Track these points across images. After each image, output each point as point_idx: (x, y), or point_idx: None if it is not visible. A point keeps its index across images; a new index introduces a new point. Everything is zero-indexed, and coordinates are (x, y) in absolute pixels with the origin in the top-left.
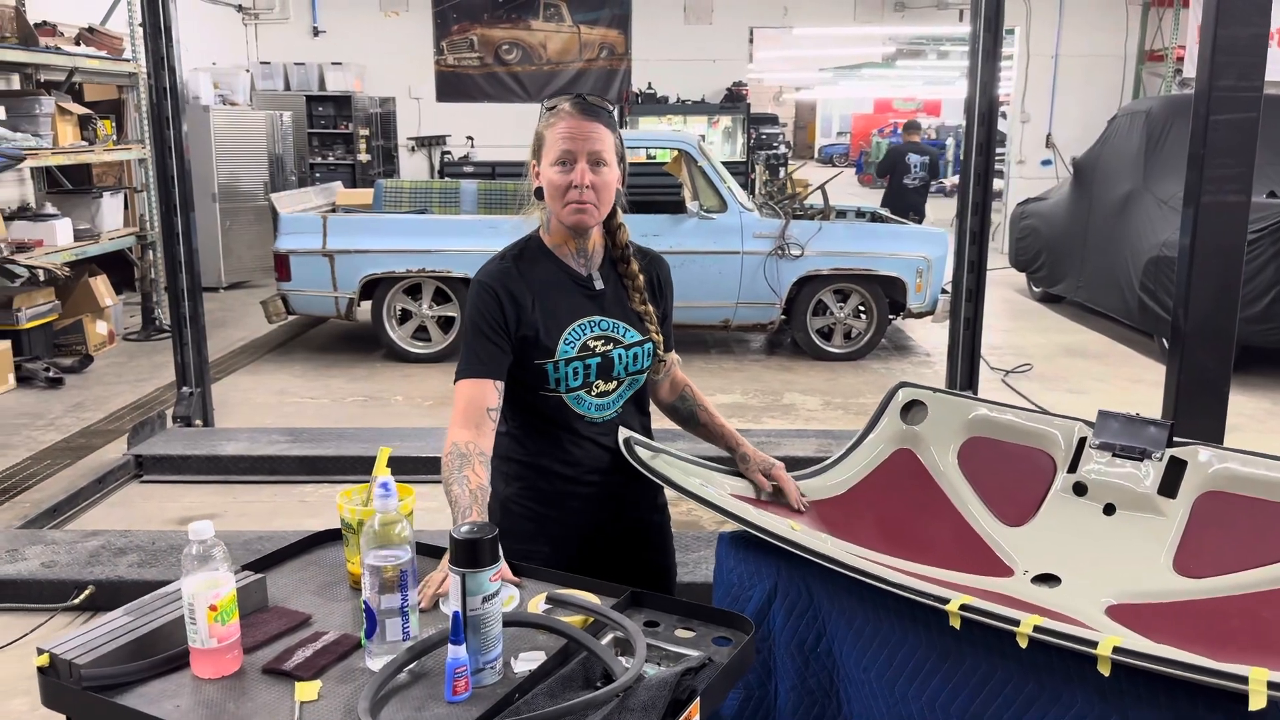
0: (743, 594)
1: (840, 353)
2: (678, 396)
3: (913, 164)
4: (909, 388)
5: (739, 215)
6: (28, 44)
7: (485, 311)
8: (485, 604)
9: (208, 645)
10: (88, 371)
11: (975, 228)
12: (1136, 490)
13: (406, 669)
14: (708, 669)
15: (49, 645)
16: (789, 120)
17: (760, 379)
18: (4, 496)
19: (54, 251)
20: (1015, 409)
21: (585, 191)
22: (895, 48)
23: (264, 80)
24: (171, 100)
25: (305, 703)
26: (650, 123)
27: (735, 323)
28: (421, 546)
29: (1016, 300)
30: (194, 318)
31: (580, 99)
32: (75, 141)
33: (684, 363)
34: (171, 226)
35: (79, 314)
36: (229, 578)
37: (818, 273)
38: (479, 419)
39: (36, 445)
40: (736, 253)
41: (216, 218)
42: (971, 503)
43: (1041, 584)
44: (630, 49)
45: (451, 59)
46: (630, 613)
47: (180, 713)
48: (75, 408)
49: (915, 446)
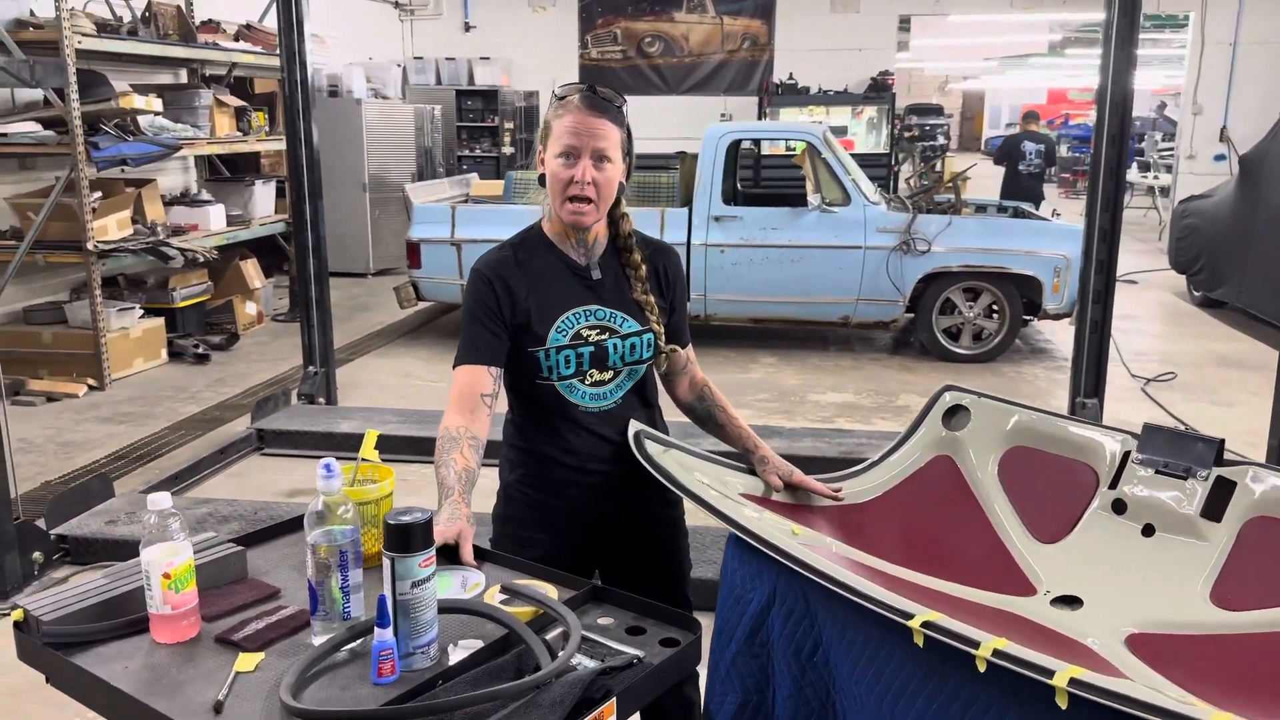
0: (744, 596)
1: (968, 354)
2: (696, 395)
3: (1028, 151)
4: (954, 391)
5: (863, 209)
6: (187, 40)
7: (480, 299)
8: (415, 589)
9: (162, 611)
10: (234, 349)
11: (1105, 225)
12: (1177, 511)
13: (347, 648)
14: (633, 669)
15: (26, 601)
16: (955, 111)
17: (877, 379)
18: (139, 462)
19: (207, 236)
20: (1065, 418)
21: (586, 188)
22: (1062, 35)
23: (417, 75)
24: (302, 93)
25: (241, 673)
26: (791, 114)
27: (855, 320)
28: None
29: (1174, 304)
30: (320, 301)
31: (591, 92)
32: (231, 132)
33: (800, 359)
34: (302, 214)
35: (230, 295)
36: (185, 547)
37: (946, 269)
38: (473, 404)
39: (175, 416)
40: (858, 247)
41: (366, 207)
42: (1006, 516)
43: (1062, 606)
44: (773, 39)
45: (595, 52)
46: (588, 608)
47: (126, 674)
48: (216, 383)
49: (955, 453)
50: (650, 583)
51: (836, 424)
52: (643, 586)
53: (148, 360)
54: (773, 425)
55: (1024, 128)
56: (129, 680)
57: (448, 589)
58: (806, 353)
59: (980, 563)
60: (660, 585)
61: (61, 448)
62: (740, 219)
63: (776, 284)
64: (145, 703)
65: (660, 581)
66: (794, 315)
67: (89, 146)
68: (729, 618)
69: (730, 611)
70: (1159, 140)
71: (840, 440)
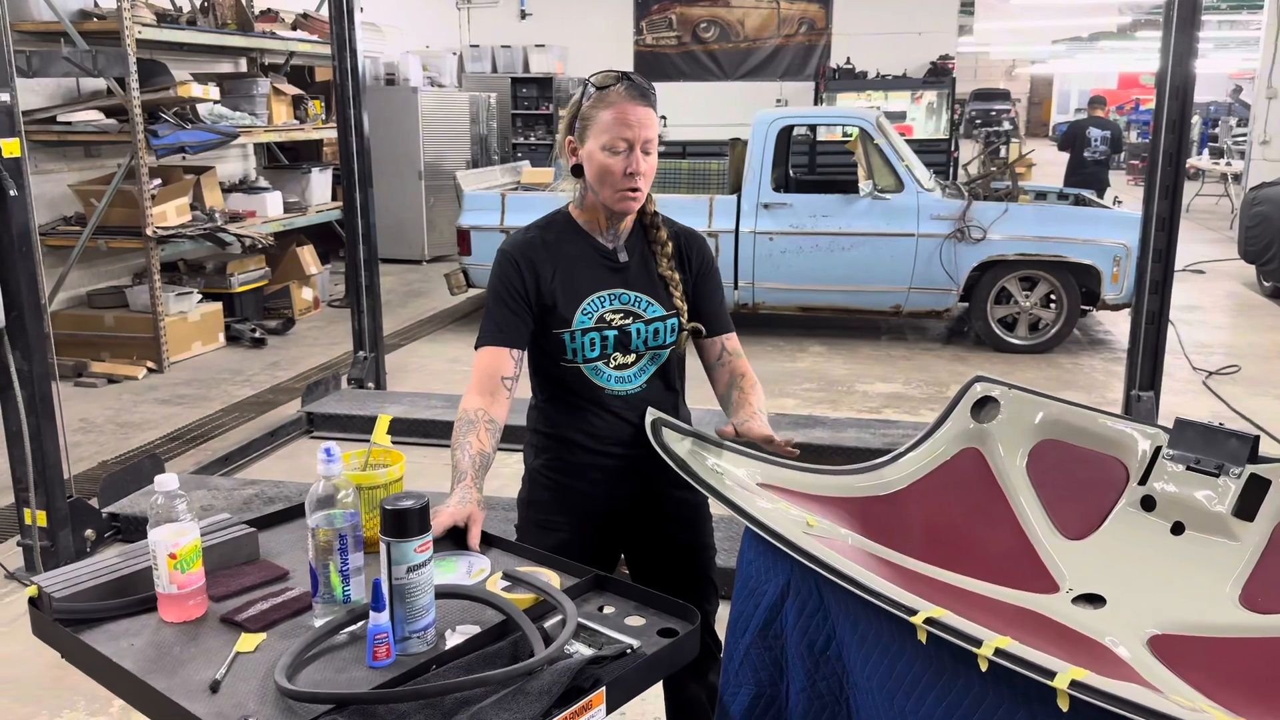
0: (759, 587)
1: (1024, 344)
2: (727, 388)
3: (1093, 138)
4: (984, 382)
5: (916, 195)
6: (245, 30)
7: (505, 280)
8: (410, 574)
9: (168, 591)
10: (290, 334)
11: (1164, 213)
12: (1208, 510)
13: (347, 631)
14: (625, 659)
15: (41, 578)
16: (1022, 96)
17: (929, 369)
18: (193, 443)
19: (265, 222)
20: (1097, 411)
21: (639, 179)
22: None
23: (473, 63)
24: (353, 80)
25: (242, 653)
26: (848, 99)
27: (907, 309)
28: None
29: (1243, 295)
30: (370, 287)
31: (632, 81)
32: (288, 120)
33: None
34: (352, 201)
35: (287, 280)
36: (192, 529)
37: (1001, 258)
38: (493, 387)
39: (230, 399)
40: (911, 235)
41: (421, 194)
42: (1033, 511)
43: (1084, 604)
44: (831, 23)
45: (650, 39)
46: (589, 596)
47: (131, 651)
48: (271, 366)
49: (983, 446)
50: (675, 566)
51: (883, 414)
52: (668, 570)
53: (205, 344)
54: (816, 415)
55: (1090, 113)
56: (133, 657)
57: (453, 573)
58: (857, 342)
59: (1003, 558)
60: (685, 568)
61: (120, 428)
62: (790, 206)
63: (826, 272)
64: (145, 680)
65: (685, 565)
66: (844, 304)
67: (148, 134)
68: (744, 609)
69: (745, 603)
70: (1234, 125)
71: (885, 431)
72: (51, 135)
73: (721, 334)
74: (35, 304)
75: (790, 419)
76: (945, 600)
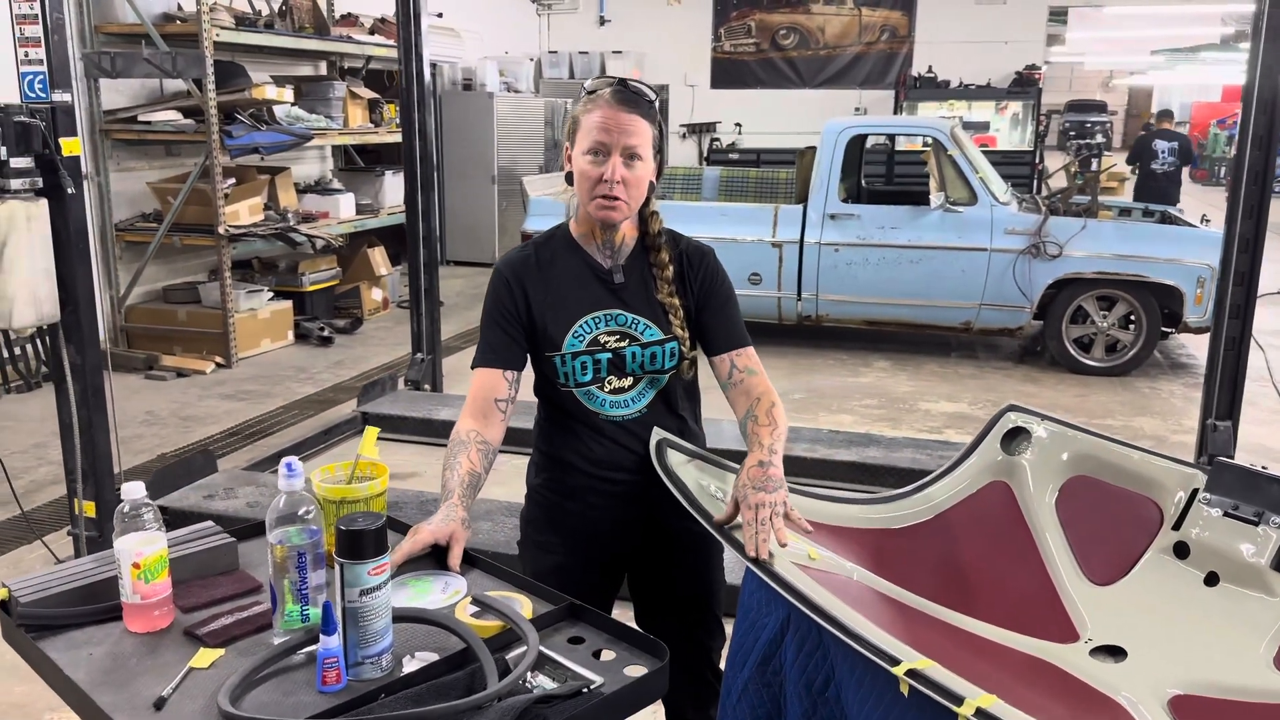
0: (759, 620)
1: (1100, 366)
2: (745, 417)
3: (1160, 150)
4: (1017, 412)
5: (989, 209)
6: (321, 34)
7: (498, 300)
8: (364, 597)
9: (132, 600)
10: (357, 333)
11: (1249, 233)
12: (1245, 561)
13: (305, 651)
14: (580, 699)
15: (12, 581)
16: (1119, 108)
17: (997, 389)
18: (250, 439)
19: (337, 223)
20: (1133, 447)
21: (615, 187)
22: (1235, 29)
23: (551, 69)
24: (418, 85)
25: (196, 669)
26: (929, 108)
27: (978, 326)
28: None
29: None
30: (429, 290)
31: (622, 86)
32: (363, 123)
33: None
34: (415, 204)
35: (357, 281)
36: (159, 538)
37: (1078, 276)
38: (487, 409)
39: (291, 396)
40: (984, 249)
41: (494, 198)
42: (1059, 553)
43: (1103, 657)
44: (913, 31)
45: (728, 45)
46: (560, 626)
47: (87, 661)
48: (335, 365)
49: (1012, 480)
50: (679, 599)
51: (944, 435)
52: (671, 602)
53: (274, 341)
54: (873, 434)
55: (1157, 125)
56: (87, 668)
57: (427, 594)
58: (924, 358)
59: (1022, 602)
60: (689, 602)
61: (182, 421)
62: (857, 217)
63: (893, 285)
64: (88, 694)
65: (689, 599)
66: (911, 319)
67: (223, 134)
68: (744, 641)
69: (745, 635)
70: None
71: (942, 453)
72: (132, 134)
73: (731, 350)
74: (90, 299)
75: (845, 436)
76: (950, 646)
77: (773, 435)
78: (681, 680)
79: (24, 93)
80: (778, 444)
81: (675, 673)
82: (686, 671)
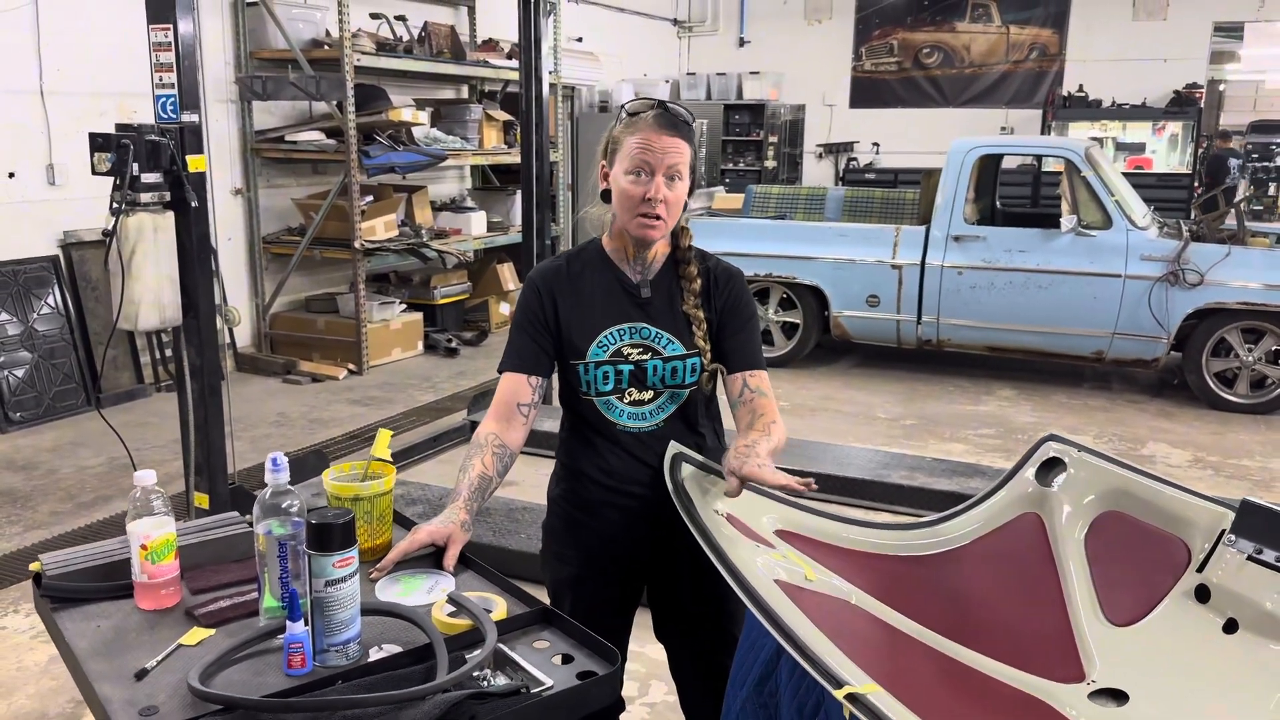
0: (758, 641)
1: (1243, 403)
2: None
3: (1232, 167)
4: (1056, 442)
5: (1125, 233)
6: (459, 58)
7: (527, 307)
8: (329, 588)
9: (140, 579)
10: (482, 345)
11: None
12: (1264, 608)
13: (281, 636)
14: (514, 699)
15: (46, 556)
16: None
17: (1126, 422)
18: (367, 443)
19: (467, 240)
20: (1168, 483)
21: (658, 206)
22: None
23: (688, 90)
24: (537, 107)
25: (184, 645)
26: (1080, 128)
27: (1110, 355)
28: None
29: None
30: None
31: (664, 110)
32: (497, 145)
33: (1042, 395)
34: (531, 222)
35: (486, 295)
36: (167, 522)
37: (1221, 306)
38: (509, 413)
39: (413, 403)
40: (1117, 276)
41: None
42: (1081, 590)
43: (1103, 700)
44: (1064, 49)
45: (869, 64)
46: (530, 629)
47: (92, 632)
48: (457, 375)
49: (1044, 512)
50: (693, 612)
51: None
52: (685, 615)
53: (405, 350)
54: (981, 464)
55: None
56: (90, 638)
57: (415, 590)
58: (1051, 388)
59: (1032, 638)
60: (703, 616)
61: (310, 424)
62: (983, 239)
63: (1019, 311)
64: (81, 662)
65: (703, 612)
66: (1037, 346)
67: (361, 154)
68: (744, 660)
69: (746, 655)
70: None
71: None
72: (279, 153)
73: (745, 370)
74: (210, 306)
75: (949, 465)
76: (933, 676)
77: (763, 437)
78: (698, 697)
79: (157, 114)
80: (765, 443)
81: (690, 687)
82: (701, 686)
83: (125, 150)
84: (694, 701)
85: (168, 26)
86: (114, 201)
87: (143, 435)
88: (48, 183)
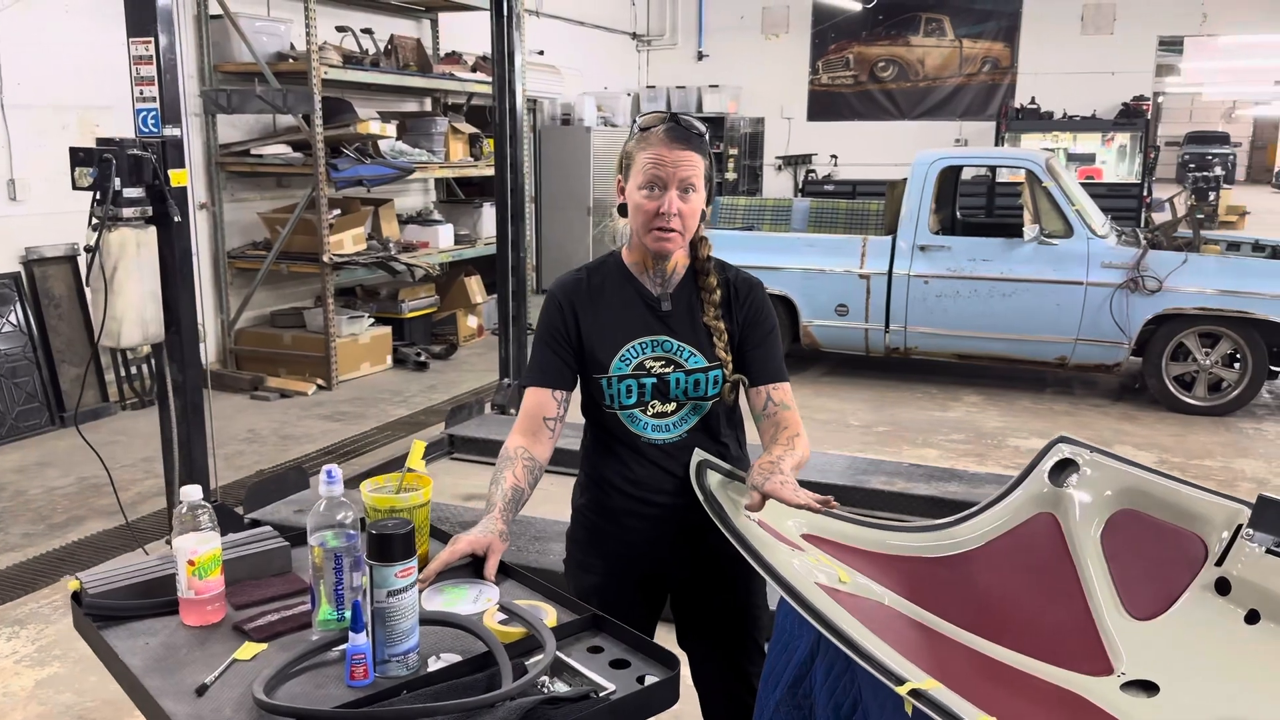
0: (792, 642)
1: (1201, 405)
2: (769, 444)
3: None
4: (1068, 444)
5: (1086, 241)
6: (424, 71)
7: (549, 322)
8: (390, 598)
9: (187, 595)
10: (452, 359)
11: None
12: None
13: (338, 648)
14: (585, 703)
15: (84, 574)
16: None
17: (1091, 426)
18: (343, 458)
19: (436, 253)
20: (1181, 481)
21: (672, 219)
22: None
23: (649, 104)
24: (511, 121)
25: (239, 660)
26: (1032, 139)
27: (1073, 361)
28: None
29: None
30: (517, 317)
31: (675, 123)
32: (463, 157)
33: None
34: (504, 234)
35: (454, 308)
36: (213, 538)
37: (1179, 311)
38: (535, 427)
39: (385, 418)
40: (1079, 283)
41: (589, 230)
42: (1101, 586)
43: (1135, 691)
44: (1016, 62)
45: (825, 78)
46: (582, 636)
47: (143, 649)
48: (429, 389)
49: (1059, 511)
50: (716, 619)
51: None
52: (709, 622)
53: (374, 365)
54: (956, 469)
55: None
56: (142, 655)
57: (461, 600)
58: (1016, 394)
59: (1059, 633)
60: (728, 628)
61: (282, 440)
62: (948, 249)
63: (985, 319)
64: (139, 678)
65: (729, 624)
66: (1003, 353)
67: (329, 167)
68: (776, 662)
69: (779, 657)
70: None
71: None
72: (245, 167)
73: (768, 383)
74: (192, 322)
75: (926, 470)
76: (973, 672)
77: (788, 452)
78: (719, 703)
79: (138, 127)
80: (790, 458)
81: (713, 695)
82: (725, 694)
83: (107, 165)
84: (717, 709)
85: (149, 40)
86: (95, 216)
87: (111, 454)
88: (9, 198)
